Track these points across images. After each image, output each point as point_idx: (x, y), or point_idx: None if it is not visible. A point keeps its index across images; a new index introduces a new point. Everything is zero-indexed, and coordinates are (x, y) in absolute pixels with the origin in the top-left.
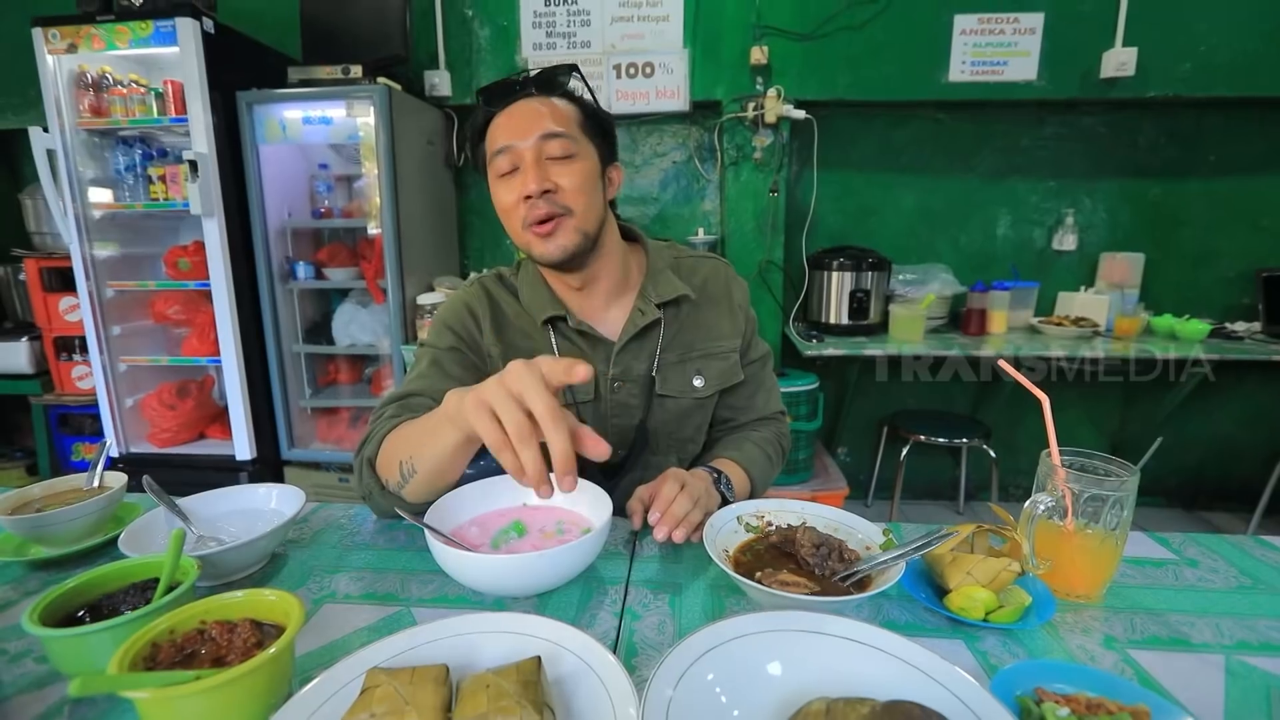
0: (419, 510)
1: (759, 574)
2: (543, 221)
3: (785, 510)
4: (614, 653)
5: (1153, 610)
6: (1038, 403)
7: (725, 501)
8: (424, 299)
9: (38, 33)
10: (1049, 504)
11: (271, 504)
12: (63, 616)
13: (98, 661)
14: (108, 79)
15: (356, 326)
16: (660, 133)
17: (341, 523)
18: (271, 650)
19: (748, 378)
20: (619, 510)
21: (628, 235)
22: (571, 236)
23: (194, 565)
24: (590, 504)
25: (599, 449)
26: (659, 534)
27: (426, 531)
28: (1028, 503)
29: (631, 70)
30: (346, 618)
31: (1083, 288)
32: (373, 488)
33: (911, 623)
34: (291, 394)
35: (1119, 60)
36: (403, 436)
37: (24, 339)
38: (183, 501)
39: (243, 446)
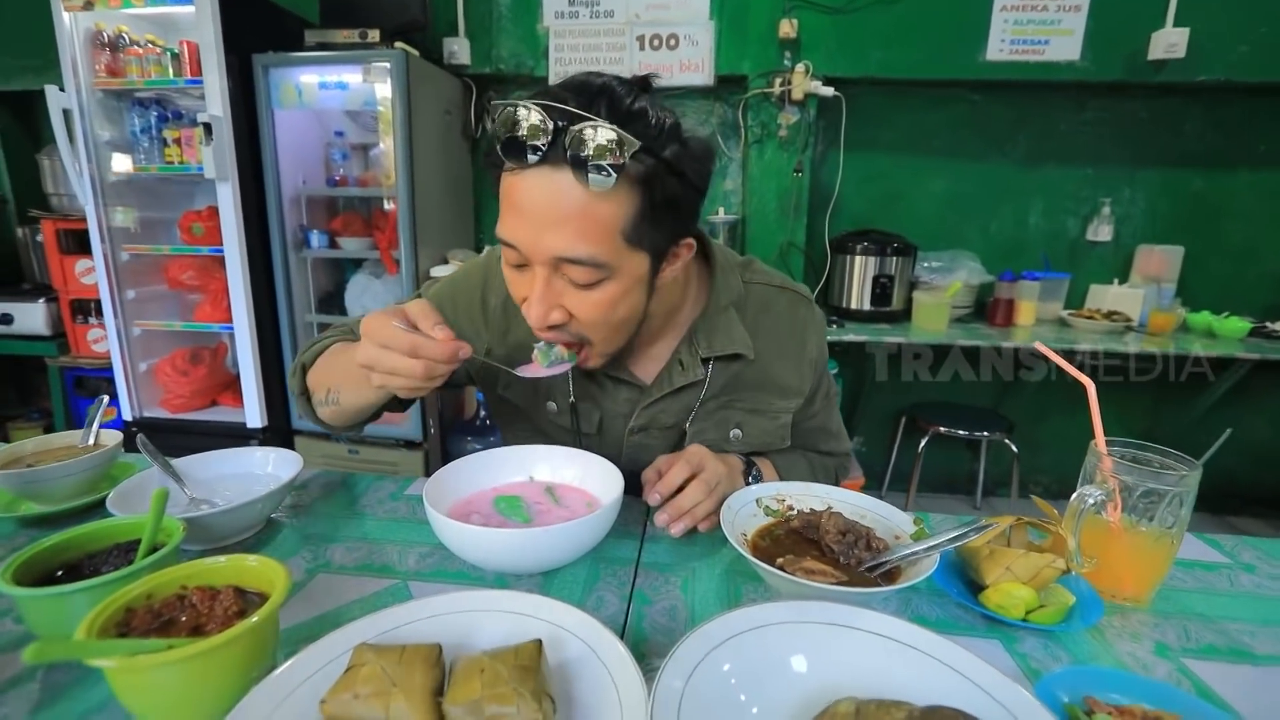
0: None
1: (781, 560)
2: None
3: (808, 494)
4: (621, 639)
5: (1207, 617)
6: (1063, 398)
7: None
8: (437, 271)
9: None
10: (1099, 497)
11: (268, 468)
12: (41, 575)
13: (72, 624)
14: (124, 38)
15: (369, 297)
16: (682, 107)
17: (341, 491)
18: (252, 620)
19: (810, 429)
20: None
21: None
22: (592, 360)
23: (179, 527)
24: (600, 479)
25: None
26: (658, 519)
27: (426, 502)
28: (1074, 495)
29: (655, 42)
30: (340, 589)
31: (1116, 281)
32: (297, 393)
33: (944, 619)
34: None
35: (1169, 41)
36: (337, 362)
37: (41, 300)
38: (178, 463)
39: (254, 414)
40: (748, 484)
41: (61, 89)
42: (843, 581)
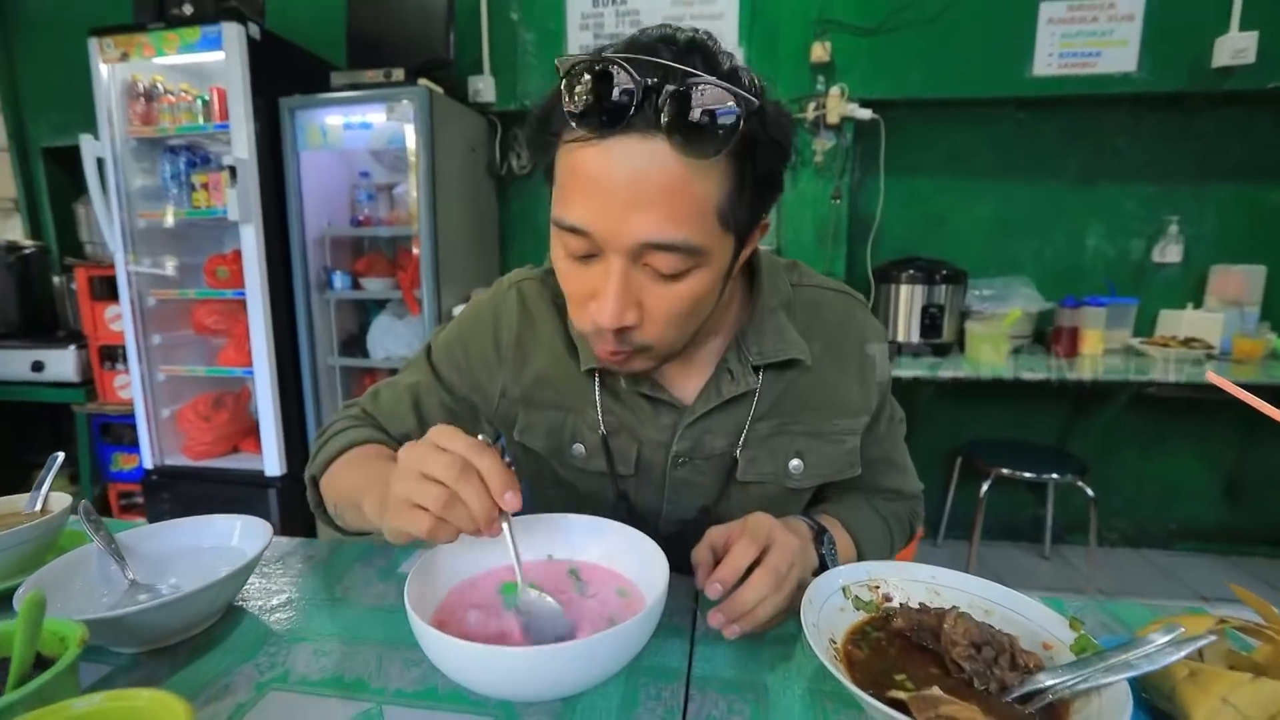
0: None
1: (903, 693)
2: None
3: (910, 579)
4: None
5: None
6: (1137, 434)
7: (823, 568)
8: (460, 311)
9: (93, 43)
10: None
11: (233, 540)
12: None
13: None
14: (159, 88)
15: (392, 339)
16: None
17: (322, 567)
18: None
19: (874, 459)
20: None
21: None
22: (646, 366)
23: (76, 636)
24: (636, 557)
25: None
26: (712, 620)
27: (408, 604)
28: None
29: None
30: (297, 716)
31: (1191, 305)
32: (313, 504)
33: None
34: (325, 409)
35: (1236, 46)
36: (349, 480)
37: (72, 347)
38: (127, 535)
39: (272, 462)
40: (820, 556)
41: (97, 138)
42: None
